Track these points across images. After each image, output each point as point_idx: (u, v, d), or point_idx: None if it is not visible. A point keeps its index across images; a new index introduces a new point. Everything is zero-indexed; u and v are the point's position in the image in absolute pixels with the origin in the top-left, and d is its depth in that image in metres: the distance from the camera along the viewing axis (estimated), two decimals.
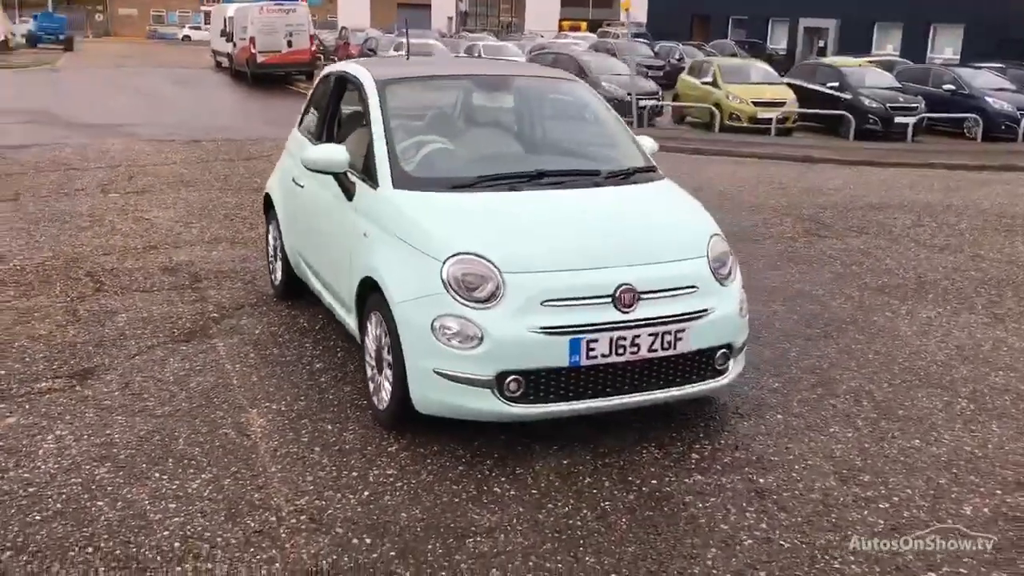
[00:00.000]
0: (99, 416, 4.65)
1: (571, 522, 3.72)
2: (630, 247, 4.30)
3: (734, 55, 30.98)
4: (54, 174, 12.01)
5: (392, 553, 3.48)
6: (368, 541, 3.56)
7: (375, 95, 5.05)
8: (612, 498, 3.91)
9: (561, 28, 56.86)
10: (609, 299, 4.08)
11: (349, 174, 4.92)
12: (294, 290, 6.37)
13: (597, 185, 4.85)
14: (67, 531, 3.60)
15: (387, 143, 4.78)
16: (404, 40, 31.56)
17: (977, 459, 4.38)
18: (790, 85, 20.78)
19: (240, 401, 4.86)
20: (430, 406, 4.17)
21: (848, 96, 19.66)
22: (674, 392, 4.33)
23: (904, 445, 4.50)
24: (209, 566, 3.39)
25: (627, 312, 4.10)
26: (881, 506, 3.90)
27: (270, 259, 6.79)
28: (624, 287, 4.10)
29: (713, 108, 19.54)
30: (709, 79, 20.46)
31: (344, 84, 5.65)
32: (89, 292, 6.81)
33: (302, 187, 5.67)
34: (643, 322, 4.11)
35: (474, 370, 3.99)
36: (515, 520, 3.72)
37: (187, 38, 64.25)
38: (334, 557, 3.45)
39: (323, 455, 4.26)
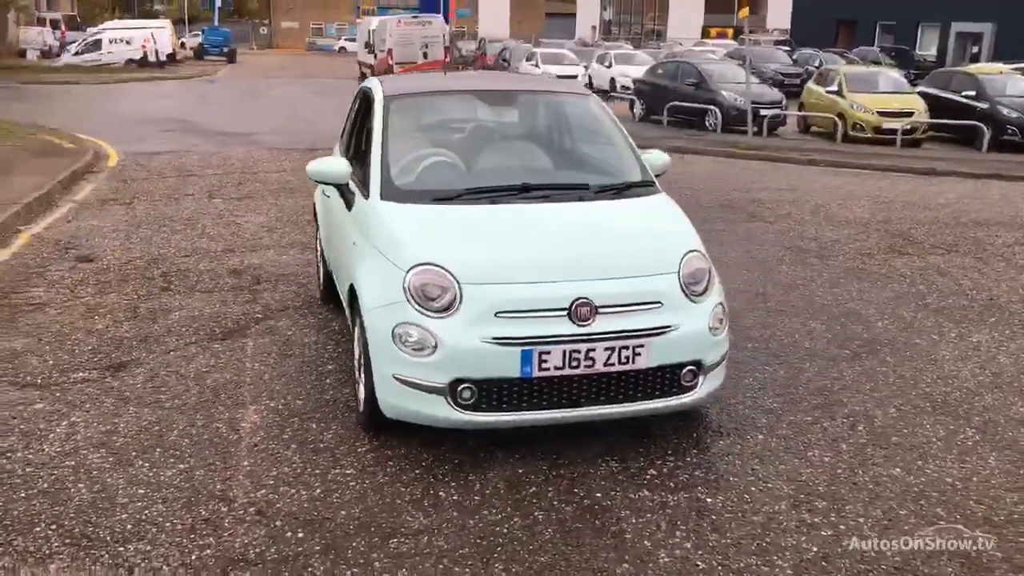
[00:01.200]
0: (114, 406, 5.05)
1: (498, 529, 3.80)
2: (592, 261, 4.33)
3: (877, 63, 29.82)
4: (173, 179, 12.89)
5: (317, 548, 3.66)
6: (300, 535, 3.75)
7: (380, 109, 5.28)
8: (550, 508, 3.97)
9: (708, 35, 56.01)
10: (565, 312, 4.13)
11: (351, 185, 5.16)
12: (333, 293, 6.66)
13: (582, 199, 4.89)
14: (42, 509, 3.95)
15: (381, 155, 4.99)
16: (536, 50, 31.85)
17: (954, 491, 4.18)
18: (923, 94, 19.83)
19: (244, 398, 5.16)
20: (393, 411, 4.34)
21: (984, 105, 18.58)
22: (635, 407, 4.33)
23: (880, 473, 4.34)
24: (148, 548, 3.66)
25: (583, 326, 4.14)
26: (822, 533, 3.80)
27: (318, 263, 7.14)
28: (580, 301, 4.14)
29: (836, 118, 18.90)
30: (834, 88, 19.79)
31: (368, 98, 5.90)
32: (156, 291, 7.32)
33: (328, 196, 5.96)
34: (598, 336, 4.14)
35: (429, 377, 4.13)
36: (445, 524, 3.83)
37: (343, 49, 66.92)
38: (262, 548, 3.66)
39: (297, 452, 4.50)
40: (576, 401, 4.24)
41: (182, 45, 55.95)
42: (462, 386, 4.12)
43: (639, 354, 4.20)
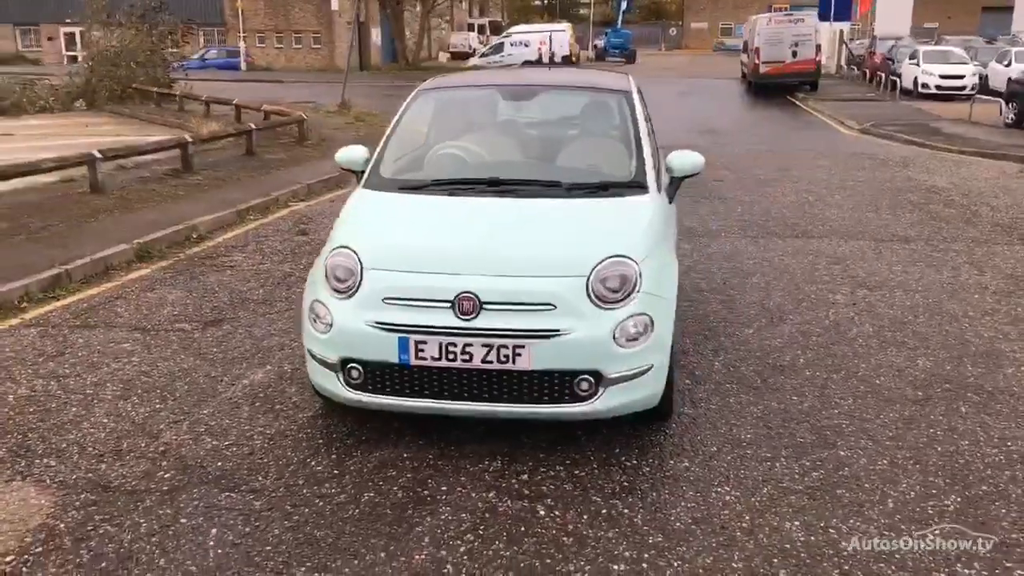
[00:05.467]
0: (173, 353, 5.86)
1: (316, 501, 3.92)
2: (492, 257, 4.25)
3: None
4: None
5: (164, 488, 4.06)
6: (167, 476, 4.19)
7: (406, 101, 5.54)
8: (384, 493, 4.00)
9: None
10: (449, 305, 4.13)
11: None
12: None
13: (544, 196, 4.77)
14: (28, 423, 4.81)
15: (382, 145, 5.27)
16: (919, 48, 29.04)
17: (851, 557, 3.52)
18: None
19: (271, 360, 5.71)
20: (314, 383, 4.62)
21: None
22: (519, 409, 4.18)
23: (765, 523, 3.74)
24: (55, 463, 4.32)
25: (466, 320, 4.11)
26: (613, 567, 3.43)
27: None
28: (464, 294, 4.11)
29: None
30: None
31: None
32: None
33: None
34: (476, 332, 4.08)
35: (325, 353, 4.36)
36: (280, 489, 4.03)
37: None
38: (126, 480, 4.15)
39: (253, 411, 4.93)
40: (458, 395, 4.20)
41: (592, 47, 58.96)
42: (350, 365, 4.29)
43: (519, 355, 4.06)
